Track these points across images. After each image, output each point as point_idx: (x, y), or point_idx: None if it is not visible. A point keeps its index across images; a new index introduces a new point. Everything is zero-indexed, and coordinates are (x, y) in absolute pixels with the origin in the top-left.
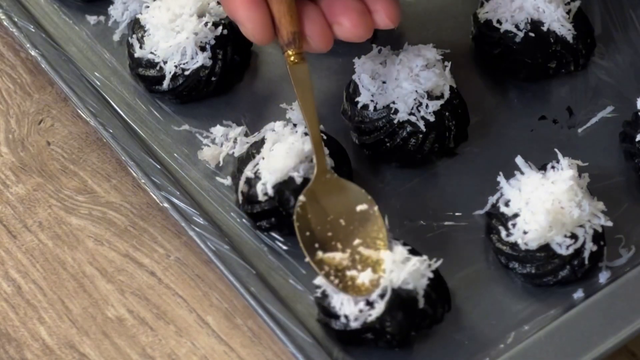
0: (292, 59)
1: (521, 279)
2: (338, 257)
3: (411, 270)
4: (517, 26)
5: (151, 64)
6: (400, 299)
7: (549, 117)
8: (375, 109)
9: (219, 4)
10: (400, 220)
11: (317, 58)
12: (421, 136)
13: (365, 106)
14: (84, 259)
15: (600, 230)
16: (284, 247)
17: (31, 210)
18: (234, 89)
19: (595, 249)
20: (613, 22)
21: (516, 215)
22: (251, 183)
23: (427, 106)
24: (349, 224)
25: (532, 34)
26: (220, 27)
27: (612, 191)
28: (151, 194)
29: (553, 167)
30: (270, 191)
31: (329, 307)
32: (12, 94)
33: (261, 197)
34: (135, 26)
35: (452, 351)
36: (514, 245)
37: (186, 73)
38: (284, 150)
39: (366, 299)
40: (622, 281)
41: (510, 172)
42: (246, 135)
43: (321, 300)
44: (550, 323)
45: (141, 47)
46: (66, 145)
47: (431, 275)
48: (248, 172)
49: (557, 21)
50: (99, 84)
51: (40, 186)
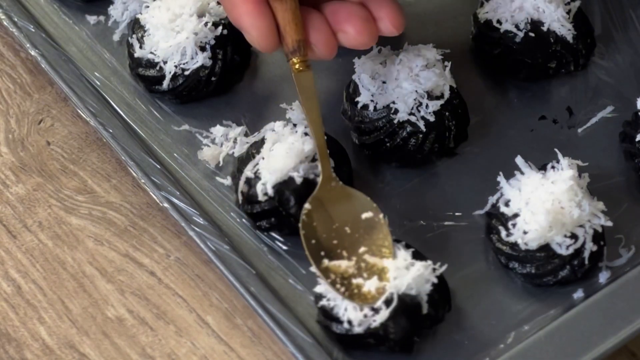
0: (297, 66)
1: (521, 279)
2: (344, 265)
3: (415, 276)
4: (517, 26)
5: (151, 64)
6: (404, 305)
7: (549, 117)
8: (375, 109)
9: (219, 4)
10: (400, 220)
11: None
12: (421, 136)
13: (365, 106)
14: (84, 259)
15: (600, 230)
16: (284, 247)
17: (31, 210)
18: (234, 89)
19: (595, 249)
20: (613, 22)
21: (516, 215)
22: (251, 183)
23: (427, 106)
24: (355, 232)
25: (532, 34)
26: (220, 27)
27: (612, 191)
28: (151, 194)
29: (553, 167)
30: (270, 191)
31: (332, 311)
32: (12, 94)
33: (261, 197)
34: (135, 26)
35: (452, 351)
36: (514, 245)
37: (186, 73)
38: (284, 150)
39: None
40: (622, 281)
41: (510, 172)
42: (246, 135)
43: (323, 303)
44: (550, 323)
45: (141, 47)
46: (66, 145)
47: (435, 281)
48: (248, 172)
49: (557, 21)
50: (99, 84)
51: (40, 186)
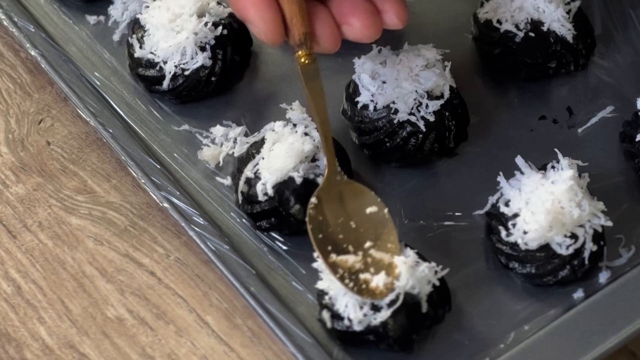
0: (303, 60)
1: (521, 279)
2: (351, 260)
3: (420, 277)
4: (517, 26)
5: (151, 64)
6: (405, 303)
7: (549, 117)
8: (375, 109)
9: (219, 3)
10: (400, 220)
11: (318, 58)
12: (421, 136)
13: (365, 106)
14: (83, 259)
15: (600, 230)
16: (284, 247)
17: (31, 210)
18: (234, 89)
19: (595, 249)
20: (613, 22)
21: (516, 215)
22: (251, 183)
23: (427, 106)
24: (360, 227)
25: (532, 34)
26: (220, 27)
27: (612, 191)
28: (151, 194)
29: (553, 167)
30: (270, 191)
31: (332, 308)
32: (12, 94)
33: (261, 197)
34: (135, 26)
35: (452, 351)
36: (514, 245)
37: (186, 73)
38: (284, 150)
39: (372, 302)
40: (622, 281)
41: (510, 172)
42: (246, 135)
43: (324, 301)
44: (550, 323)
45: (141, 47)
46: (66, 145)
47: (437, 283)
48: (248, 172)
49: (557, 21)
50: (99, 84)
51: (40, 186)
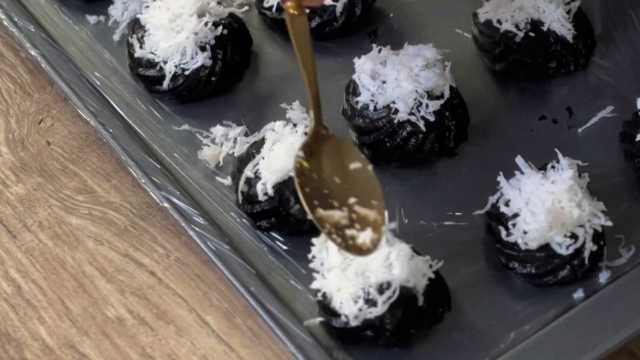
0: (292, 11)
1: (521, 279)
2: (337, 215)
3: (413, 269)
4: (517, 26)
5: (151, 64)
6: (400, 296)
7: (549, 117)
8: (375, 109)
9: (219, 3)
10: (400, 220)
11: (317, 58)
12: (421, 136)
13: (365, 106)
14: (84, 258)
15: (600, 230)
16: (284, 247)
17: (31, 210)
18: (234, 89)
19: (595, 248)
20: (613, 22)
21: (516, 215)
22: (251, 183)
23: (427, 106)
24: (344, 182)
25: (532, 34)
26: (220, 27)
27: (612, 191)
28: (151, 194)
29: (553, 167)
30: (270, 191)
31: (329, 305)
32: (12, 94)
33: (261, 197)
34: (135, 26)
35: (452, 351)
36: (514, 245)
37: (186, 73)
38: (284, 150)
39: (365, 297)
40: (622, 281)
41: (510, 172)
42: (246, 135)
43: (320, 298)
44: (550, 323)
45: (141, 47)
46: (66, 145)
47: (432, 276)
48: (248, 172)
49: (557, 21)
50: (99, 83)
51: (40, 186)
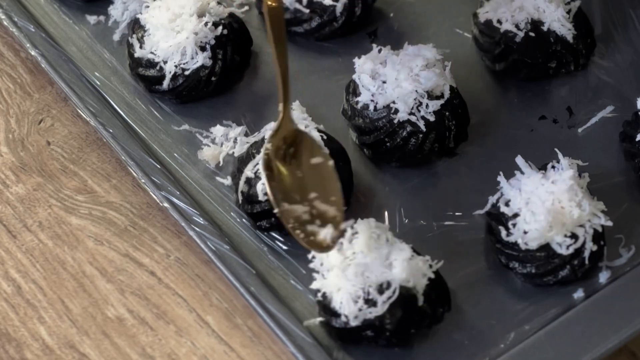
0: (270, 2)
1: (521, 279)
2: (299, 210)
3: (413, 269)
4: (517, 26)
5: (151, 64)
6: (400, 296)
7: (549, 117)
8: (375, 109)
9: (219, 3)
10: (400, 220)
11: (318, 58)
12: (421, 136)
13: (365, 106)
14: (84, 258)
15: (600, 230)
16: (284, 247)
17: (31, 210)
18: (234, 89)
19: (595, 248)
20: (613, 22)
21: (516, 215)
22: (251, 183)
23: (427, 106)
24: (305, 176)
25: (532, 34)
26: (220, 27)
27: (612, 191)
28: (151, 193)
29: (553, 166)
30: None
31: (329, 305)
32: (12, 93)
33: (261, 197)
34: (135, 26)
35: (452, 351)
36: (514, 245)
37: (186, 73)
38: None
39: (365, 297)
40: (622, 281)
41: (510, 172)
42: (246, 135)
43: (321, 299)
44: (550, 323)
45: (141, 47)
46: (66, 145)
47: (432, 276)
48: (248, 172)
49: (557, 21)
50: (99, 83)
51: (40, 186)
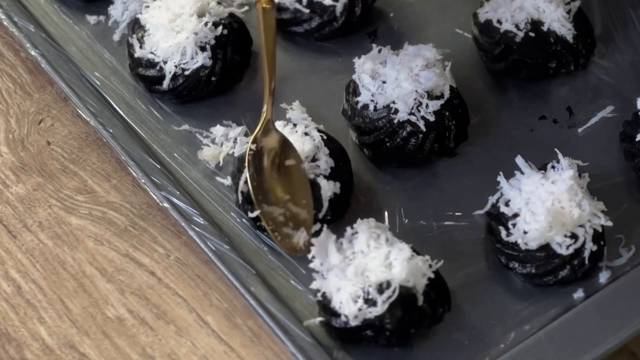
0: (265, 5)
1: (521, 279)
2: (276, 212)
3: (413, 269)
4: (517, 26)
5: (151, 64)
6: (400, 296)
7: (549, 117)
8: (375, 109)
9: (219, 3)
10: (400, 220)
11: (318, 58)
12: (421, 136)
13: (365, 106)
14: (84, 258)
15: (600, 230)
16: None
17: (31, 210)
18: (234, 89)
19: (595, 248)
20: (613, 22)
21: (516, 215)
22: None
23: (427, 106)
24: (280, 178)
25: (532, 34)
26: (220, 27)
27: (612, 191)
28: (151, 193)
29: (553, 167)
30: None
31: (329, 305)
32: (12, 93)
33: None
34: (135, 26)
35: (452, 351)
36: (514, 245)
37: (186, 73)
38: None
39: (365, 297)
40: (622, 281)
41: (510, 172)
42: (246, 135)
43: (321, 299)
44: (550, 323)
45: (141, 47)
46: (66, 145)
47: (432, 275)
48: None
49: (557, 21)
50: (99, 83)
51: (40, 186)
